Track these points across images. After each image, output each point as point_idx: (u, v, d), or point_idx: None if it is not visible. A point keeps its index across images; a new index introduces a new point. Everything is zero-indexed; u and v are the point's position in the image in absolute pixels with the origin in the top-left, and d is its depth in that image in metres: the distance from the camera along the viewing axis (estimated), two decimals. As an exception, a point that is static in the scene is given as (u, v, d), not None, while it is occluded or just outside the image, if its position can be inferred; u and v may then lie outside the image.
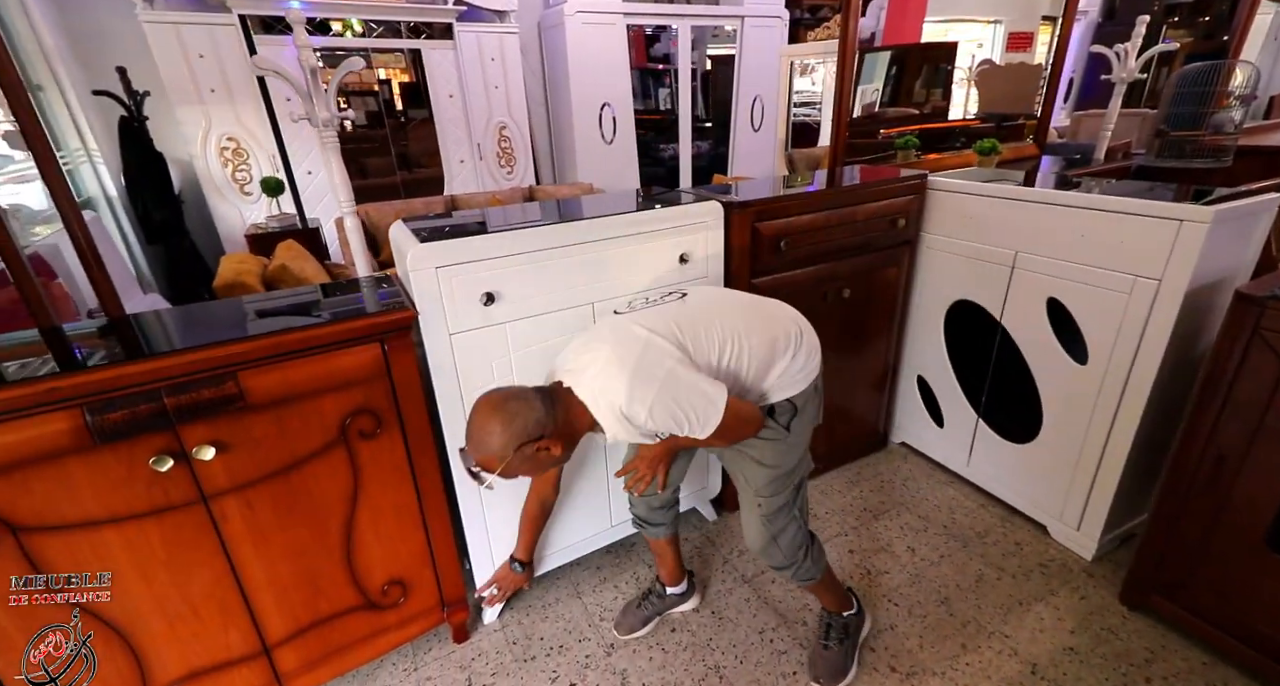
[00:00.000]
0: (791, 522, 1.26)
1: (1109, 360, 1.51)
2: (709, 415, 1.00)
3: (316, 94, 1.47)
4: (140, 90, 3.44)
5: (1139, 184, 1.69)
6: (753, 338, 1.11)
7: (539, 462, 1.02)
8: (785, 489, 1.23)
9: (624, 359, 1.00)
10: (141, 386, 0.98)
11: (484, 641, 1.55)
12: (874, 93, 5.50)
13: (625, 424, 1.00)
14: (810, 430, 1.23)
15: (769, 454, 1.19)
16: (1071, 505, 1.70)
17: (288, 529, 1.20)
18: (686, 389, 0.99)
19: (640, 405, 0.97)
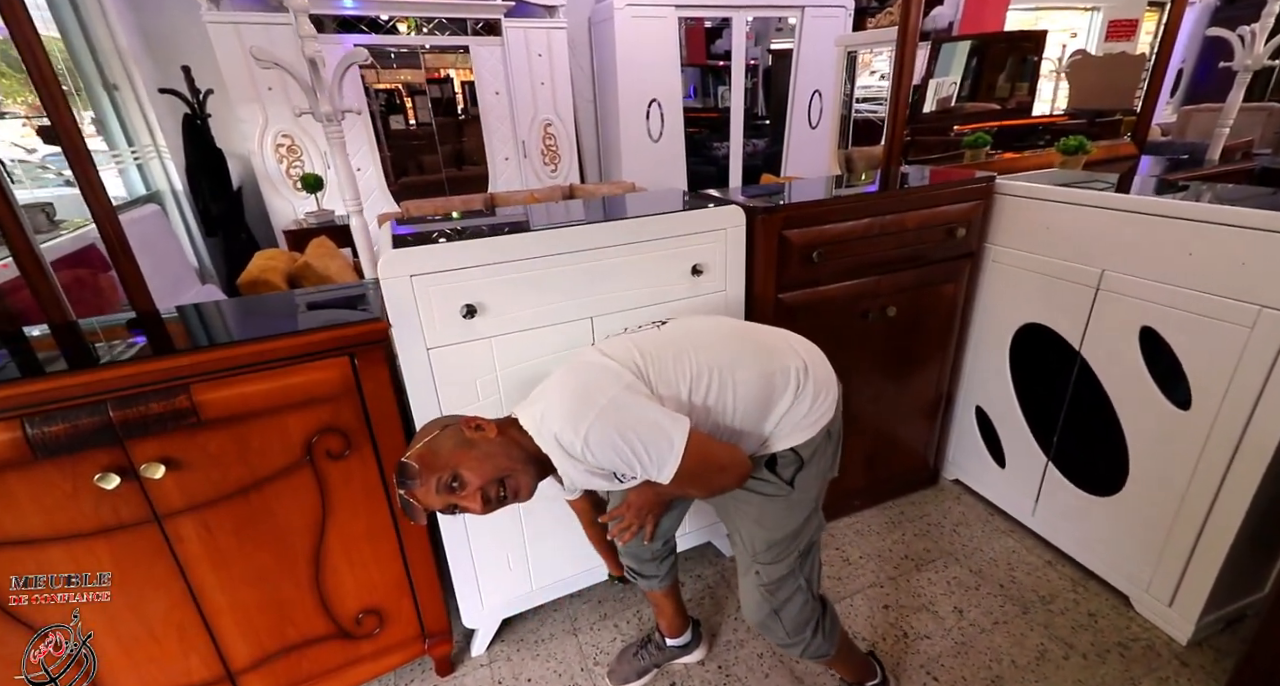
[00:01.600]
0: (797, 594, 1.07)
1: (1220, 406, 1.23)
2: (662, 453, 0.85)
3: (319, 87, 1.40)
4: (203, 88, 3.57)
5: (1264, 190, 1.38)
6: (739, 371, 0.94)
7: (512, 495, 0.90)
8: (788, 555, 1.04)
9: (565, 383, 0.90)
10: (84, 399, 0.91)
11: (469, 677, 1.43)
12: (951, 86, 5.09)
13: (566, 457, 0.87)
14: (822, 485, 1.04)
15: (769, 513, 1.01)
16: (1163, 575, 1.41)
17: (250, 553, 1.12)
18: (634, 419, 0.85)
19: (575, 433, 0.84)
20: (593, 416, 0.84)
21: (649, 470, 0.86)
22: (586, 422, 0.83)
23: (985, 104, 5.05)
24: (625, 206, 1.42)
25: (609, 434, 0.83)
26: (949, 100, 5.08)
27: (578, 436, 0.84)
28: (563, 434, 0.85)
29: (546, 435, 0.88)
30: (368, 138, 3.87)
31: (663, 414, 0.87)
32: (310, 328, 1.04)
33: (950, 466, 1.99)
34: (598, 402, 0.85)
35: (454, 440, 0.88)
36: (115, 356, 0.98)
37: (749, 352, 0.98)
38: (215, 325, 1.22)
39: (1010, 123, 4.80)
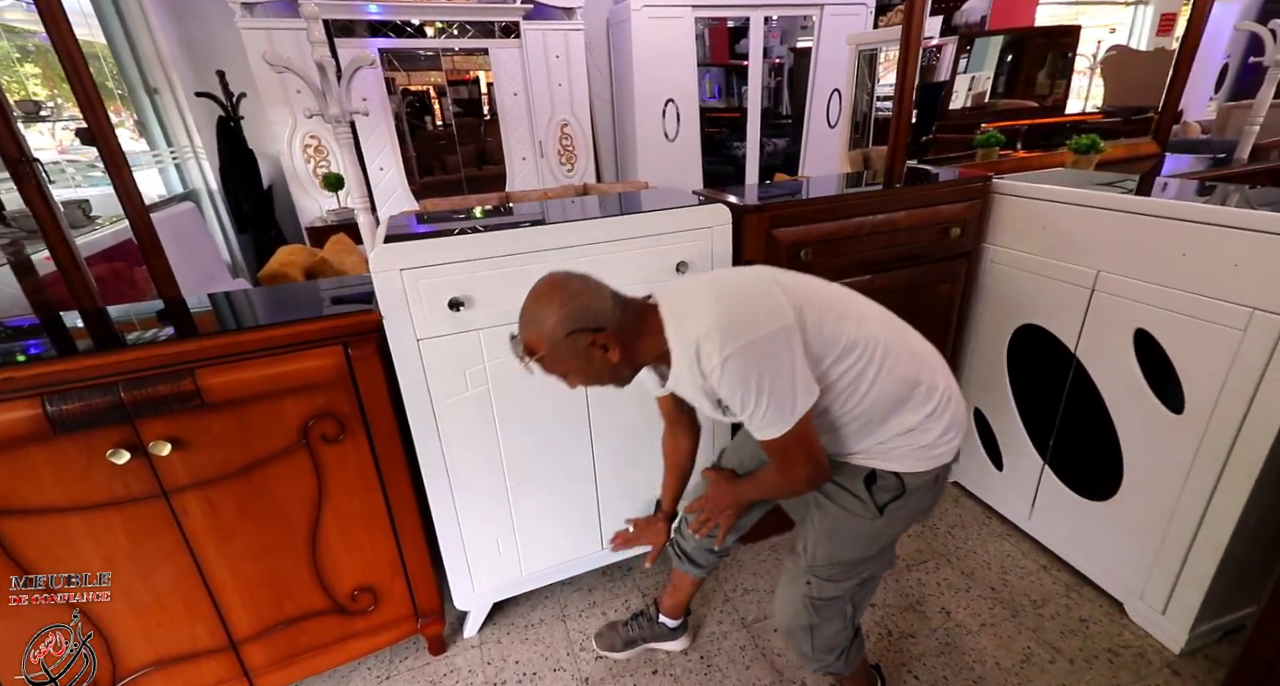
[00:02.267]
0: (838, 619, 1.05)
1: (1212, 410, 1.20)
2: (779, 414, 0.81)
3: (329, 91, 1.47)
4: (236, 92, 3.73)
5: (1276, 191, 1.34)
6: (890, 361, 0.88)
7: (590, 361, 0.87)
8: (847, 579, 1.02)
9: (735, 295, 0.85)
10: (97, 380, 0.99)
11: (459, 657, 1.49)
12: (985, 81, 4.98)
13: (692, 364, 0.83)
14: (908, 524, 1.02)
15: (843, 532, 0.99)
16: (1157, 582, 1.39)
17: (251, 529, 1.19)
18: (777, 367, 0.80)
19: (717, 351, 0.80)
20: (743, 343, 0.79)
21: (754, 421, 0.84)
22: (734, 346, 0.79)
23: (1022, 101, 4.92)
24: (621, 205, 1.45)
25: (748, 368, 0.79)
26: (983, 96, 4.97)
27: (718, 354, 0.79)
28: (705, 344, 0.81)
29: (687, 336, 0.84)
30: (390, 138, 3.98)
31: (802, 376, 0.82)
32: (306, 317, 1.11)
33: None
34: (756, 333, 0.80)
35: (574, 349, 0.86)
36: (129, 341, 1.06)
37: (905, 350, 0.92)
38: (227, 314, 1.30)
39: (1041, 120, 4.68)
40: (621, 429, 1.45)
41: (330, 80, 1.48)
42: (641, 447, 1.49)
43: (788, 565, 1.09)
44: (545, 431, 1.37)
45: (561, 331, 0.85)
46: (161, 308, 1.38)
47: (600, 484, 1.49)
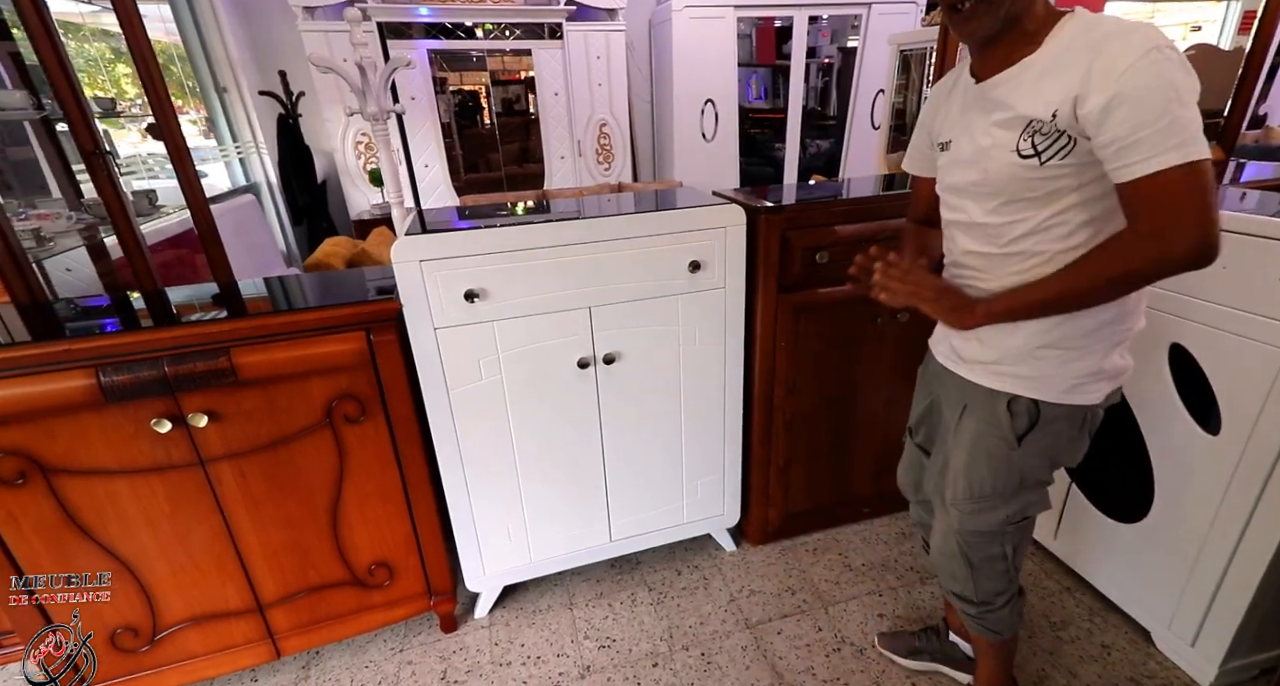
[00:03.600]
0: (998, 561, 1.04)
1: (1251, 432, 1.14)
2: (1187, 134, 0.69)
3: (368, 90, 1.55)
4: (296, 91, 3.94)
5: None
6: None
7: None
8: (993, 511, 0.99)
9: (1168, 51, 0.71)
10: (145, 354, 1.08)
11: (469, 636, 1.55)
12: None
13: (1090, 48, 0.73)
14: (1048, 464, 0.97)
15: (981, 459, 0.96)
16: (1186, 611, 1.32)
17: (278, 500, 1.27)
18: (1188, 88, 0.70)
19: (1151, 40, 0.70)
20: (1168, 54, 0.69)
21: (1145, 142, 0.70)
22: (1170, 48, 0.69)
23: None
24: (633, 203, 1.48)
25: (1175, 73, 0.69)
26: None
27: (1147, 43, 0.69)
28: (1130, 36, 0.71)
29: (1097, 25, 0.75)
30: (436, 135, 4.13)
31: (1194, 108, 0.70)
32: (332, 303, 1.18)
33: (974, 481, 1.91)
34: (1174, 54, 0.70)
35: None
36: (176, 321, 1.15)
37: None
38: (269, 298, 1.39)
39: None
40: (631, 424, 1.47)
41: (370, 80, 1.56)
42: (650, 441, 1.51)
43: (937, 507, 1.09)
44: (555, 424, 1.41)
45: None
46: (215, 291, 1.48)
47: (609, 477, 1.52)
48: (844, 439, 1.68)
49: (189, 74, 3.75)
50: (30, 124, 1.95)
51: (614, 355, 1.38)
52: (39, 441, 1.08)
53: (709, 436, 1.56)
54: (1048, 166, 0.79)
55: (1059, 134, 0.77)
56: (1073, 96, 0.74)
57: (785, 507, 1.73)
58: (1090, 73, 0.73)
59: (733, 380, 1.52)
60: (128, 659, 1.29)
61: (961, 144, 0.91)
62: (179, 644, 1.31)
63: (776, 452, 1.63)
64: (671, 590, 1.65)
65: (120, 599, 1.24)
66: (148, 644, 1.29)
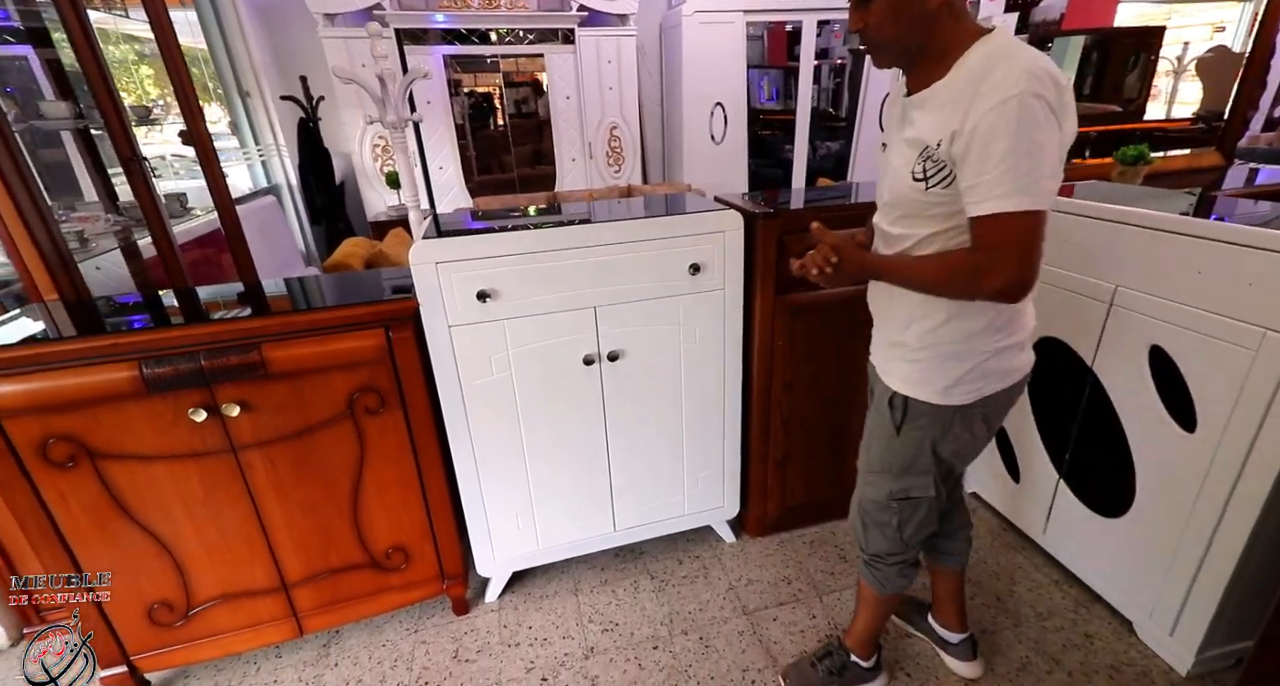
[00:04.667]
0: (884, 527, 1.16)
1: (1224, 430, 1.19)
2: (1025, 183, 0.76)
3: (387, 99, 1.64)
4: (316, 96, 4.06)
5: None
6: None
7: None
8: (884, 486, 1.13)
9: (1057, 72, 0.78)
10: (183, 348, 1.17)
11: (479, 619, 1.63)
12: (1066, 83, 4.77)
13: (975, 81, 0.79)
14: (929, 455, 1.06)
15: (876, 439, 1.11)
16: (1166, 601, 1.37)
17: (303, 486, 1.36)
18: (1049, 141, 0.76)
19: (1024, 79, 0.75)
20: (1045, 99, 0.75)
21: (990, 185, 0.78)
22: (1038, 90, 0.75)
23: (1104, 105, 4.68)
24: (639, 208, 1.55)
25: (1028, 119, 0.75)
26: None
27: (1017, 86, 0.75)
28: (1010, 69, 0.76)
29: (995, 54, 0.80)
30: (450, 138, 4.22)
31: (1054, 179, 0.78)
32: (354, 302, 1.26)
33: (966, 479, 1.97)
34: (1055, 99, 0.76)
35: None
36: (211, 318, 1.24)
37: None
38: (293, 297, 1.48)
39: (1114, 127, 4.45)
40: (634, 419, 1.55)
41: (389, 91, 1.65)
42: (653, 436, 1.59)
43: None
44: (562, 418, 1.49)
45: (863, 23, 0.86)
46: (241, 289, 1.57)
47: (613, 469, 1.59)
48: (840, 435, 1.74)
49: (213, 75, 3.88)
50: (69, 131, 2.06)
51: (618, 352, 1.45)
52: (87, 427, 1.17)
53: (709, 431, 1.64)
54: (931, 192, 0.87)
55: (942, 164, 0.85)
56: (951, 132, 0.82)
57: (783, 501, 1.79)
58: (966, 112, 0.79)
59: (732, 378, 1.59)
60: (163, 632, 1.39)
61: (890, 154, 0.98)
62: (210, 620, 1.41)
63: (774, 448, 1.69)
64: (673, 578, 1.72)
65: (158, 575, 1.33)
66: (182, 619, 1.39)
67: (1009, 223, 0.78)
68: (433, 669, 1.49)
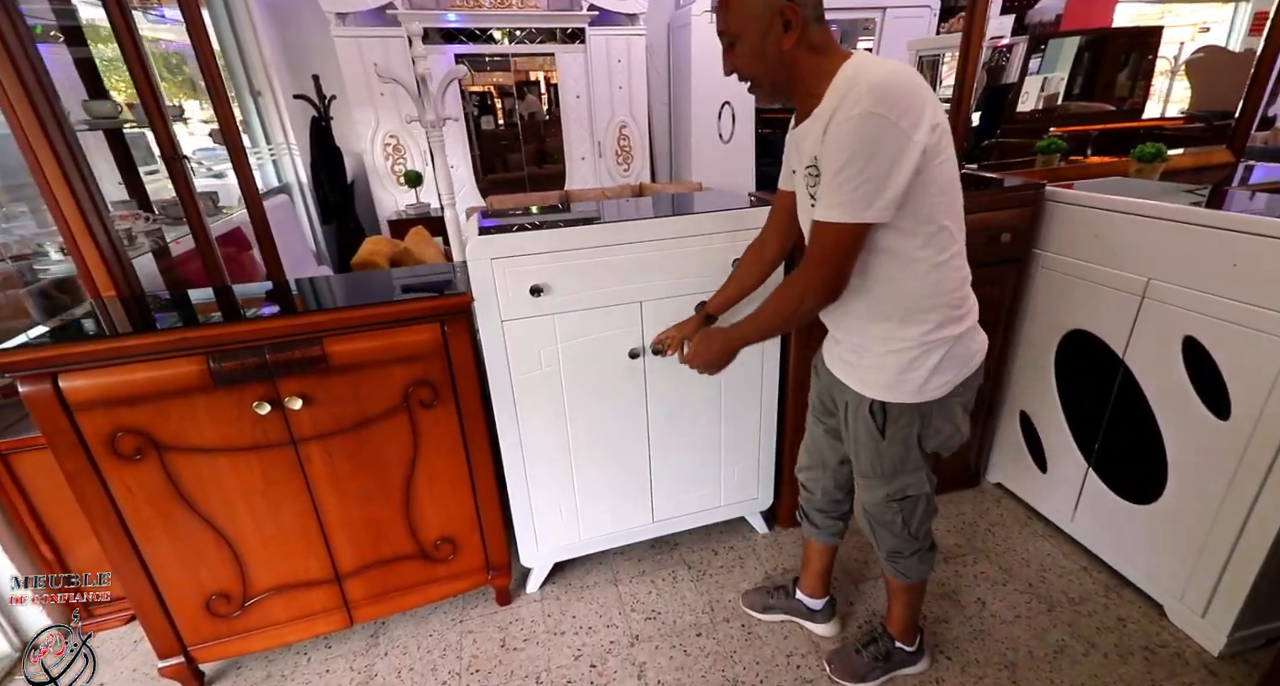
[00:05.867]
0: (892, 525, 1.21)
1: (1259, 418, 1.23)
2: (859, 198, 0.86)
3: (426, 98, 1.66)
4: (329, 94, 4.06)
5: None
6: (956, 262, 0.99)
7: (766, 34, 0.91)
8: (882, 489, 1.16)
9: (916, 86, 0.84)
10: (250, 343, 1.20)
11: (523, 609, 1.66)
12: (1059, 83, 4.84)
13: (839, 98, 0.86)
14: (916, 452, 1.11)
15: (865, 449, 1.14)
16: (1197, 585, 1.41)
17: (358, 477, 1.38)
18: (894, 158, 0.84)
19: (871, 100, 0.82)
20: (888, 118, 0.82)
21: (830, 192, 0.87)
22: (881, 110, 0.81)
23: (1099, 104, 4.75)
24: (679, 204, 1.58)
25: (871, 137, 0.82)
26: (1055, 99, 4.83)
27: (861, 106, 0.82)
28: (863, 89, 0.83)
29: (855, 76, 0.86)
30: (461, 137, 4.24)
31: (898, 185, 0.85)
32: (413, 298, 1.29)
33: (993, 470, 2.01)
34: (901, 120, 0.82)
35: (764, 7, 0.90)
36: (269, 314, 1.27)
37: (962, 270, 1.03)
38: (339, 293, 1.50)
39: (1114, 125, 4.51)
40: (675, 412, 1.58)
41: (428, 89, 1.67)
42: (692, 429, 1.62)
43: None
44: (606, 410, 1.52)
45: (732, 64, 0.94)
46: (270, 287, 1.58)
47: (653, 461, 1.62)
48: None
49: (225, 74, 3.88)
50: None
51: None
52: (155, 421, 1.19)
53: (746, 424, 1.67)
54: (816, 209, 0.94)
55: (816, 170, 0.94)
56: (815, 155, 0.92)
57: (815, 492, 1.82)
58: (824, 134, 0.88)
59: (770, 370, 1.62)
60: (220, 623, 1.41)
61: (796, 186, 1.06)
62: (265, 610, 1.43)
63: (809, 439, 1.73)
64: (710, 568, 1.76)
65: (217, 566, 1.36)
66: (238, 609, 1.41)
67: (828, 231, 0.91)
68: (482, 657, 1.52)
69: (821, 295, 0.97)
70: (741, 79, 1.00)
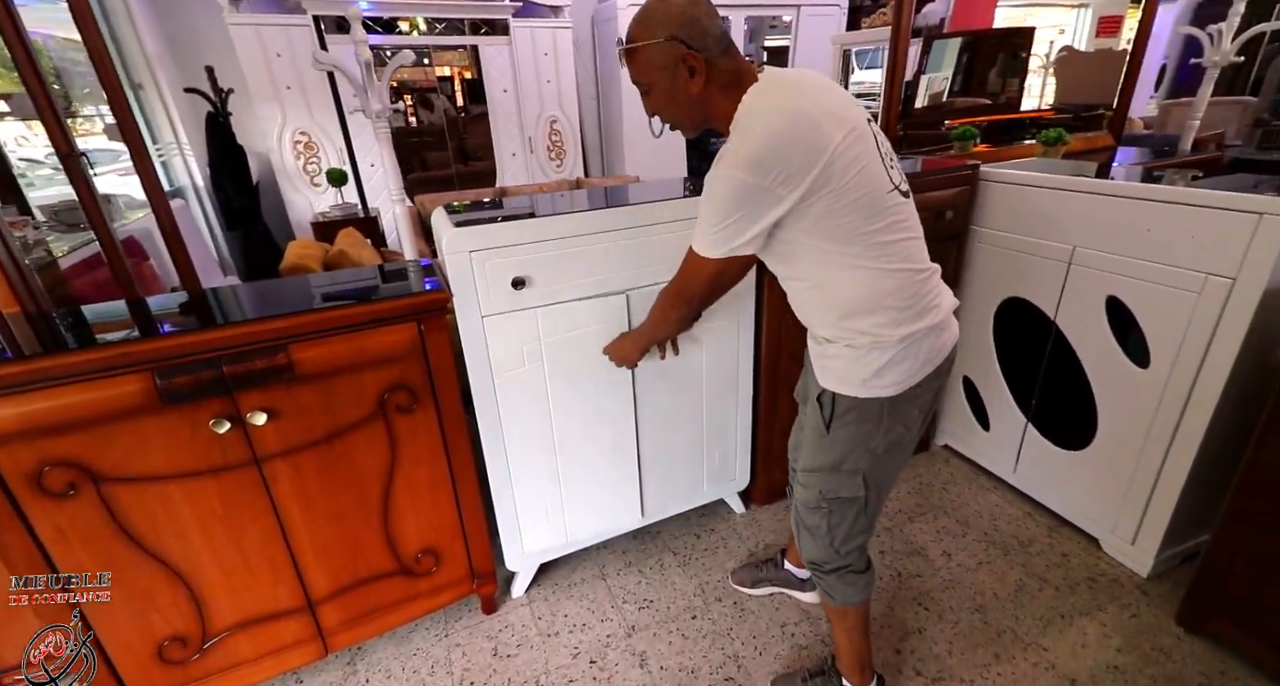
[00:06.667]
0: (816, 533, 1.15)
1: (1173, 365, 1.41)
2: (716, 238, 0.94)
3: (370, 87, 1.56)
4: (225, 88, 3.71)
5: (1222, 178, 1.55)
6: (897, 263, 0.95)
7: (674, 81, 0.95)
8: (816, 488, 1.11)
9: (792, 132, 0.86)
10: (203, 354, 1.07)
11: (511, 614, 1.60)
12: (943, 82, 5.26)
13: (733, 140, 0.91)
14: (864, 454, 1.05)
15: (809, 441, 1.12)
16: (1126, 518, 1.59)
17: (331, 494, 1.28)
18: (754, 210, 0.89)
19: (734, 162, 0.88)
20: (745, 180, 0.87)
21: (699, 224, 0.97)
22: (739, 173, 0.87)
23: (976, 99, 5.22)
24: (642, 193, 1.58)
25: (730, 192, 0.89)
26: (940, 96, 5.26)
27: (724, 165, 0.89)
28: (733, 148, 0.89)
29: (739, 129, 0.90)
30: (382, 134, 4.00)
31: (756, 232, 0.91)
32: (386, 296, 1.21)
33: (941, 433, 2.17)
34: (762, 178, 0.86)
35: (665, 57, 0.93)
36: (225, 321, 1.14)
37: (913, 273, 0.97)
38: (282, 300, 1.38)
39: (999, 117, 4.97)
40: (661, 400, 1.58)
41: (372, 79, 1.56)
42: (678, 417, 1.63)
43: None
44: (593, 405, 1.49)
45: (664, 32, 0.91)
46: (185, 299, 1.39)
47: (641, 452, 1.62)
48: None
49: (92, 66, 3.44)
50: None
51: (642, 334, 1.47)
52: (92, 449, 1.05)
53: (726, 407, 1.70)
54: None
55: None
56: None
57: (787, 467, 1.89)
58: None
59: (745, 352, 1.66)
60: (173, 671, 1.26)
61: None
62: (228, 649, 1.30)
63: (781, 417, 1.78)
64: (694, 552, 1.78)
65: (169, 608, 1.21)
66: (197, 652, 1.27)
67: (689, 255, 1.04)
68: (474, 669, 1.45)
69: (683, 305, 1.15)
70: (663, 121, 1.05)
